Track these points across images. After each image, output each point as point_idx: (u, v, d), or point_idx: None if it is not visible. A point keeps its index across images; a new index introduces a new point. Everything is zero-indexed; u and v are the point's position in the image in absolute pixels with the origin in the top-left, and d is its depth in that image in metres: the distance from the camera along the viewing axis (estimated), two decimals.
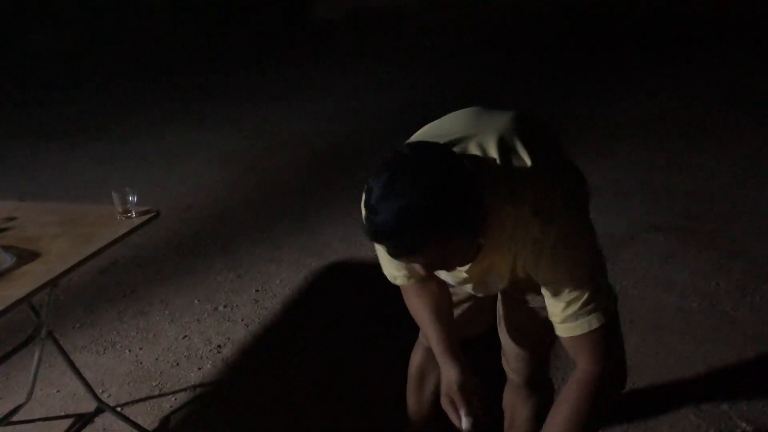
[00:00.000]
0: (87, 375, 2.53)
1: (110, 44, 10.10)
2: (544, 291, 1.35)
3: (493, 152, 1.29)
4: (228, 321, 3.10)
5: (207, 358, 2.86)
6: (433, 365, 1.96)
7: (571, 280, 1.28)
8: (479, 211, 1.18)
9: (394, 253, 1.17)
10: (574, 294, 1.29)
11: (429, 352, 1.95)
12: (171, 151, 5.62)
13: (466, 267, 1.35)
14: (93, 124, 6.52)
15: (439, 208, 1.11)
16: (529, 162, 1.29)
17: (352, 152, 5.21)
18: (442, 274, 1.50)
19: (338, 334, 2.96)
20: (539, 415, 1.90)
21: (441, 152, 1.18)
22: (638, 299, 3.06)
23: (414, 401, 2.09)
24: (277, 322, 3.10)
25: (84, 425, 2.48)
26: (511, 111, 1.44)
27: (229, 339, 2.97)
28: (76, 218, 2.29)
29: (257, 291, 3.34)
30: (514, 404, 1.92)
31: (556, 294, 1.31)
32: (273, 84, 7.76)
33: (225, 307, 3.22)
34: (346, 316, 3.08)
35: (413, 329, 1.92)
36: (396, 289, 1.67)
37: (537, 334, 1.71)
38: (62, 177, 5.12)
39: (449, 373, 1.52)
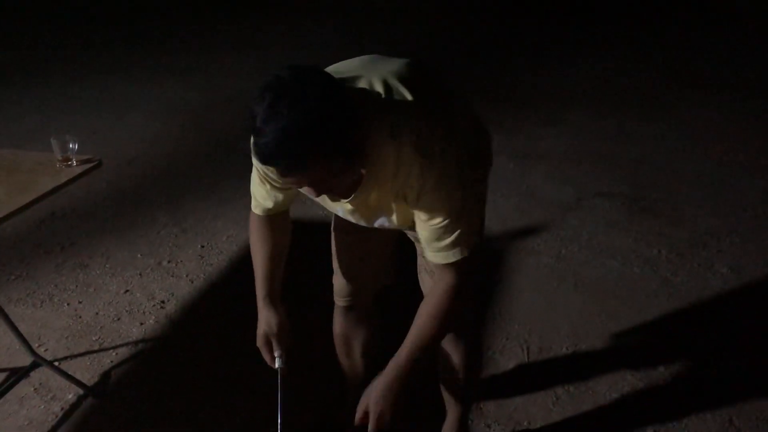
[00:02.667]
0: (22, 328, 2.44)
1: None
2: (418, 221, 1.42)
3: (379, 89, 1.33)
4: (172, 276, 3.03)
5: (150, 313, 2.79)
6: (356, 328, 2.00)
7: (446, 221, 1.37)
8: (358, 136, 1.24)
9: (282, 173, 1.23)
10: (445, 232, 1.39)
11: (346, 314, 1.99)
12: (115, 101, 5.42)
13: (350, 197, 1.40)
14: (31, 70, 6.23)
15: (318, 127, 1.16)
16: (411, 101, 1.34)
17: None
18: (330, 207, 1.56)
19: (284, 293, 2.91)
20: (469, 365, 1.92)
21: (320, 76, 1.22)
22: (582, 264, 3.11)
23: (347, 365, 2.10)
24: (223, 278, 3.04)
25: (18, 380, 2.40)
26: (407, 58, 1.49)
27: (173, 295, 2.91)
28: (11, 165, 2.18)
29: (203, 247, 3.27)
30: (444, 355, 1.93)
31: (428, 228, 1.40)
32: (222, 37, 7.54)
33: (169, 262, 3.14)
34: (292, 275, 3.03)
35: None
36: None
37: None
38: None
39: (268, 316, 1.68)
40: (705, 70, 6.12)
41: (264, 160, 1.20)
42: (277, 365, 1.68)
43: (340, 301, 1.97)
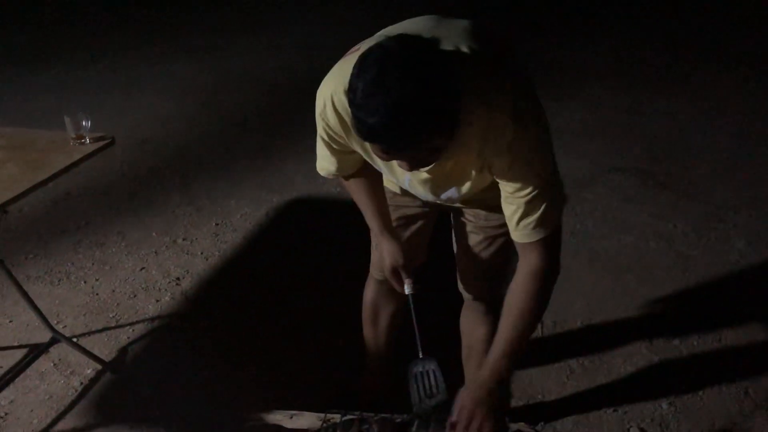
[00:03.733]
0: (41, 305, 2.47)
1: None
2: (505, 196, 1.38)
3: (464, 52, 1.25)
4: (187, 254, 3.05)
5: (165, 290, 2.82)
6: (386, 299, 1.99)
7: (536, 190, 1.33)
8: (459, 107, 1.16)
9: (387, 150, 1.15)
10: (535, 204, 1.35)
11: (380, 287, 1.97)
12: (127, 82, 5.43)
13: (430, 167, 1.32)
14: (45, 52, 6.24)
15: (430, 102, 1.08)
16: (496, 65, 1.29)
17: (311, 88, 4.99)
18: (400, 175, 1.51)
19: (298, 268, 2.94)
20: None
21: (426, 45, 1.14)
22: (598, 239, 3.10)
23: (370, 335, 2.10)
24: (237, 256, 3.06)
25: (38, 355, 2.43)
26: (468, 19, 1.40)
27: (188, 272, 2.93)
28: (25, 143, 2.20)
29: (217, 225, 3.29)
30: (471, 327, 1.94)
31: (517, 201, 1.36)
32: (234, 17, 7.51)
33: (184, 240, 3.16)
34: (306, 252, 3.06)
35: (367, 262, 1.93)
36: (356, 223, 1.69)
37: (491, 254, 1.74)
38: (10, 104, 4.90)
39: (392, 247, 1.66)
40: (718, 43, 6.02)
41: (369, 137, 1.12)
42: (407, 291, 1.69)
43: (376, 273, 1.95)
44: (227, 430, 2.14)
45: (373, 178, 1.65)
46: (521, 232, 1.40)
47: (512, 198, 1.36)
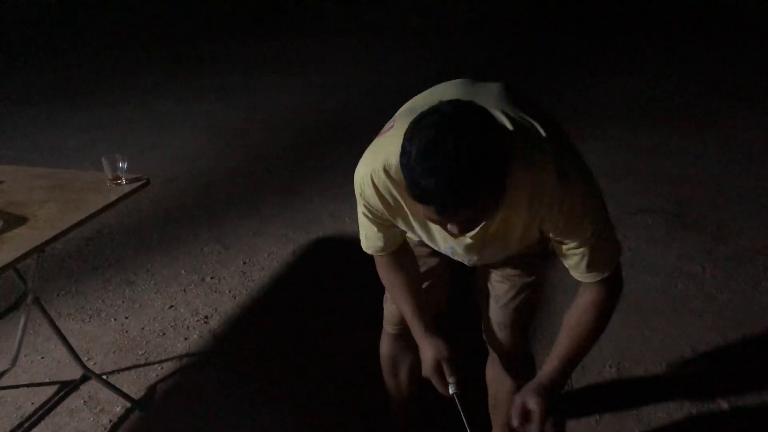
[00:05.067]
0: (72, 342, 2.49)
1: (96, 10, 9.91)
2: (564, 251, 1.39)
3: (502, 118, 1.28)
4: (215, 292, 3.09)
5: (194, 328, 2.84)
6: (403, 352, 1.98)
7: (595, 236, 1.35)
8: (508, 175, 1.19)
9: (440, 212, 1.16)
10: (596, 249, 1.37)
11: (395, 341, 1.97)
12: (157, 120, 5.55)
13: (474, 232, 1.35)
14: (75, 92, 6.42)
15: (485, 164, 1.11)
16: (539, 128, 1.31)
17: (339, 128, 5.18)
18: (442, 243, 1.51)
19: (325, 308, 2.95)
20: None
21: (480, 111, 1.17)
22: (627, 281, 3.02)
23: (392, 386, 2.10)
24: (265, 294, 3.08)
25: (69, 392, 2.47)
26: (498, 82, 1.46)
27: (216, 310, 2.96)
28: (64, 184, 2.25)
29: (244, 263, 3.32)
30: (498, 378, 1.93)
31: (579, 251, 1.37)
32: (261, 57, 7.67)
33: (212, 278, 3.20)
34: (333, 291, 3.07)
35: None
36: None
37: (517, 305, 1.74)
38: (43, 144, 5.03)
39: (436, 342, 1.58)
40: (743, 82, 6.02)
41: (424, 199, 1.14)
42: (451, 391, 1.58)
43: (390, 328, 1.96)
44: None
45: (412, 269, 1.65)
46: (587, 276, 1.42)
47: (573, 251, 1.37)
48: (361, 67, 6.97)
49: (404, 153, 1.14)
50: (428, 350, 1.59)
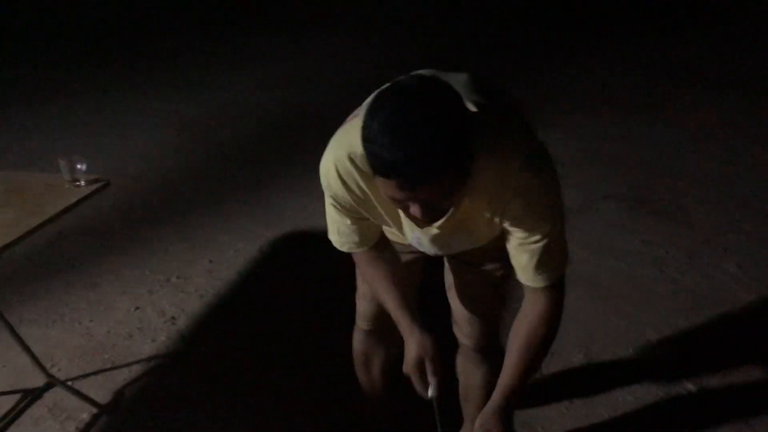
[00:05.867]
0: (35, 349, 2.45)
1: (46, 6, 9.68)
2: (518, 243, 1.37)
3: (469, 107, 1.26)
4: (181, 292, 3.04)
5: (161, 330, 2.80)
6: (376, 348, 1.98)
7: (550, 234, 1.33)
8: (472, 153, 1.17)
9: (404, 186, 1.13)
10: (550, 249, 1.35)
11: (368, 337, 1.96)
12: (117, 118, 5.44)
13: (441, 222, 1.33)
14: (30, 91, 6.25)
15: (450, 137, 1.09)
16: (505, 119, 1.31)
17: (304, 123, 5.13)
18: (409, 233, 1.48)
19: (295, 305, 2.93)
20: (493, 381, 1.93)
21: (444, 84, 1.15)
22: (593, 267, 3.11)
23: (365, 381, 2.09)
24: (233, 293, 3.05)
25: (33, 401, 2.41)
26: (465, 72, 1.43)
27: (183, 310, 2.91)
28: (21, 187, 2.20)
29: (211, 262, 3.28)
30: (468, 371, 1.93)
31: (531, 247, 1.35)
32: (226, 52, 7.55)
33: (178, 278, 3.15)
34: (302, 288, 3.05)
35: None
36: (348, 256, 1.64)
37: (487, 298, 1.74)
38: (1, 144, 4.90)
39: (422, 340, 1.51)
40: (705, 70, 6.13)
41: (387, 170, 1.11)
42: (430, 394, 1.48)
43: (363, 324, 1.94)
44: None
45: (393, 260, 1.60)
46: (536, 279, 1.39)
47: (526, 245, 1.35)
48: (328, 62, 6.91)
49: (366, 128, 1.11)
50: (413, 346, 1.52)
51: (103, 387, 2.50)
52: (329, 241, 1.60)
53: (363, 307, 1.90)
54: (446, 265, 1.77)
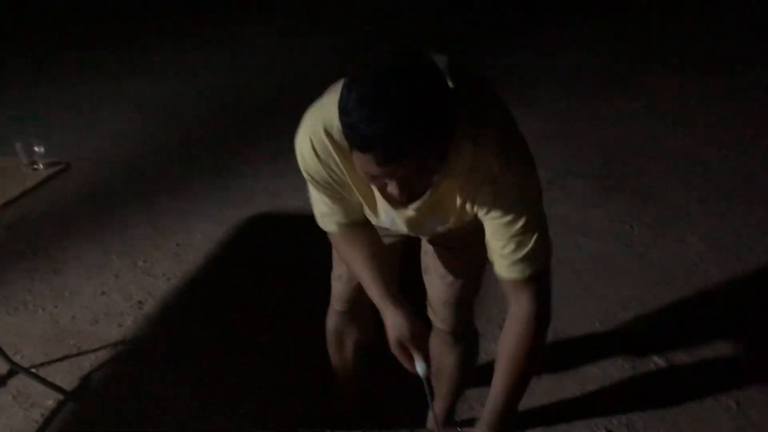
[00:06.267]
0: None
1: None
2: (492, 232, 1.33)
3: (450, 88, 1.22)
4: (148, 276, 3.00)
5: (128, 314, 2.76)
6: (350, 327, 1.97)
7: (524, 224, 1.29)
8: (453, 131, 1.14)
9: (382, 160, 1.10)
10: (524, 237, 1.30)
11: (342, 317, 1.95)
12: (81, 101, 5.33)
13: (417, 204, 1.30)
14: None
15: (429, 111, 1.06)
16: (485, 104, 1.28)
17: (271, 106, 5.07)
18: (382, 213, 1.44)
19: (262, 286, 2.91)
20: (465, 363, 1.94)
21: (425, 60, 1.12)
22: (557, 243, 3.09)
23: (337, 361, 2.09)
24: (200, 276, 3.02)
25: None
26: (443, 54, 1.40)
27: (150, 294, 2.88)
28: None
29: (178, 245, 3.24)
30: (441, 352, 1.93)
31: (505, 236, 1.31)
32: (193, 34, 7.43)
33: (144, 262, 3.11)
34: (271, 269, 3.03)
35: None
36: (320, 237, 1.62)
37: (463, 282, 1.73)
38: None
39: (397, 320, 1.46)
40: (671, 48, 6.18)
41: (365, 146, 1.08)
42: (420, 371, 1.43)
43: (338, 305, 1.93)
44: None
45: (375, 241, 1.55)
46: (510, 268, 1.33)
47: (500, 233, 1.31)
48: (296, 47, 6.82)
49: (343, 100, 1.08)
50: (391, 326, 1.47)
51: (68, 373, 2.47)
52: (297, 223, 1.59)
53: (338, 288, 1.89)
54: (423, 248, 1.76)
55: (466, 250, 1.66)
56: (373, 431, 1.64)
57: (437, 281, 1.75)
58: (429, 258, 1.75)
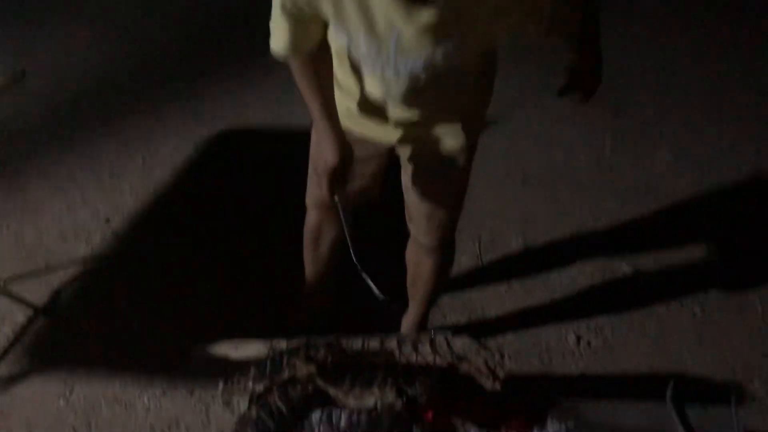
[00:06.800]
0: None
1: None
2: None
3: None
4: (115, 191, 2.94)
5: (95, 231, 2.72)
6: (328, 225, 1.96)
7: None
8: None
9: None
10: None
11: (319, 214, 1.94)
12: (38, 11, 5.07)
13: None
14: None
15: None
16: None
17: (242, 16, 4.89)
18: (385, 31, 1.25)
19: (233, 201, 2.88)
20: (442, 271, 1.96)
21: None
22: (530, 157, 3.13)
23: (311, 259, 2.08)
24: (169, 192, 2.97)
25: None
26: None
27: (117, 210, 2.83)
28: None
29: (144, 160, 3.17)
30: (418, 261, 1.95)
31: None
32: None
33: (111, 177, 3.04)
34: (240, 183, 2.99)
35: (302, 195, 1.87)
36: (291, 151, 1.58)
37: (447, 197, 1.73)
38: None
39: (340, 145, 1.51)
40: None
41: None
42: (336, 199, 1.58)
43: (314, 207, 1.92)
44: (171, 366, 2.12)
45: (328, 75, 1.51)
46: None
47: None
48: None
49: None
50: (331, 151, 1.52)
51: (38, 290, 2.44)
52: (267, 138, 1.55)
53: (313, 187, 1.86)
54: (403, 164, 1.74)
55: (448, 167, 1.65)
56: (344, 335, 1.65)
57: (421, 197, 1.73)
58: (409, 175, 1.72)
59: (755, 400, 2.07)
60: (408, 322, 2.13)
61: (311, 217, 1.99)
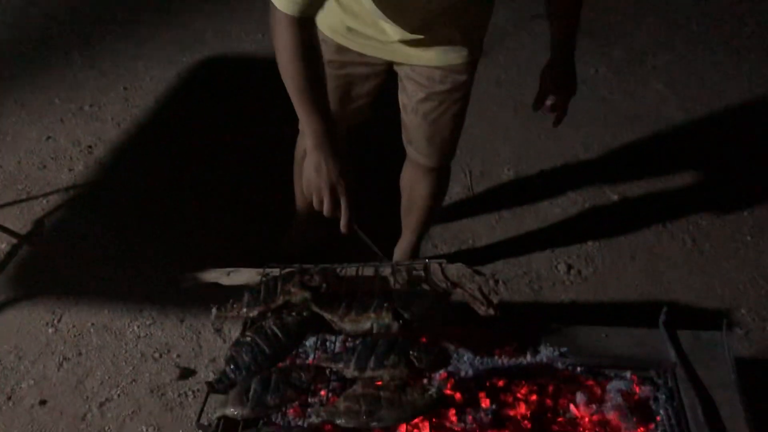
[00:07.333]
0: None
1: None
2: None
3: None
4: (96, 120, 2.86)
5: (77, 159, 2.65)
6: None
7: None
8: None
9: None
10: None
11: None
12: None
13: None
14: None
15: None
16: None
17: None
18: None
19: (216, 129, 2.82)
20: (437, 195, 1.94)
21: None
22: (521, 88, 3.08)
23: (300, 191, 2.04)
24: (151, 120, 2.89)
25: None
26: None
27: (99, 139, 2.76)
28: None
29: (126, 89, 3.07)
30: (413, 186, 1.92)
31: None
32: None
33: (91, 106, 2.95)
34: (223, 112, 2.92)
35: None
36: (275, 76, 1.43)
37: (447, 119, 1.69)
38: None
39: (333, 159, 1.35)
40: None
41: None
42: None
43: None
44: (160, 294, 2.10)
45: (314, 49, 1.36)
46: None
47: None
48: None
49: None
50: (327, 167, 1.36)
51: (20, 218, 2.40)
52: (250, 65, 1.48)
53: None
54: (402, 83, 1.69)
55: (447, 87, 1.61)
56: (336, 264, 1.63)
57: (417, 118, 1.69)
58: (407, 96, 1.68)
59: (742, 327, 2.10)
60: (401, 250, 2.12)
61: (299, 150, 1.94)
